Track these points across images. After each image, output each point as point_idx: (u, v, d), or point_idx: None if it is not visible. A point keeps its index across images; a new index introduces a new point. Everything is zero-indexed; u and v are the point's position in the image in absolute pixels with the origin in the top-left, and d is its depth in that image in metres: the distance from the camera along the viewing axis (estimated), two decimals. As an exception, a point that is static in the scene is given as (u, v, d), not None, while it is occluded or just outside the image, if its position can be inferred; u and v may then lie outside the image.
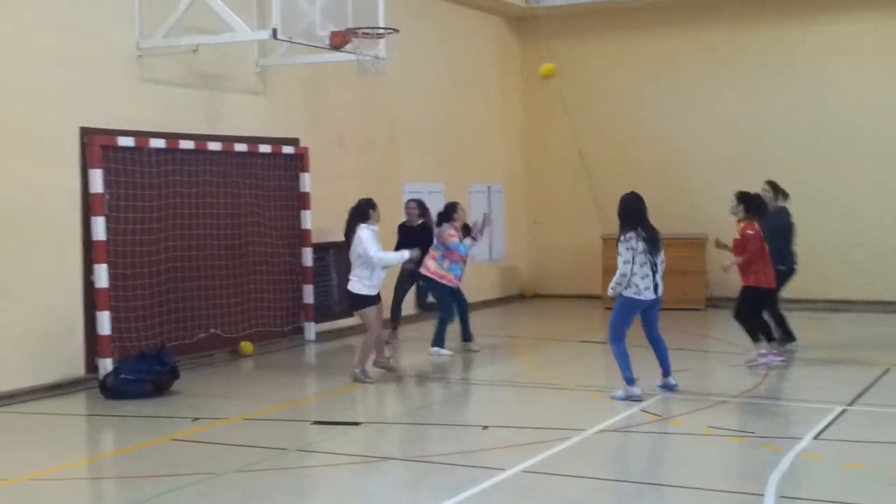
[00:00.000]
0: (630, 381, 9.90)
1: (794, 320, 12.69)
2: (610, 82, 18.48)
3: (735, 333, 12.31)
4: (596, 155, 18.61)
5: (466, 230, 12.89)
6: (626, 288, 9.82)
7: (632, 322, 10.04)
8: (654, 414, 9.34)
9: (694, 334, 13.41)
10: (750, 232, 11.37)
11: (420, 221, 13.59)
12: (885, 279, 16.58)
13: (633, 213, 9.98)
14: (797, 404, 10.03)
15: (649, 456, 8.46)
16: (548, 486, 7.30)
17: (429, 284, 12.84)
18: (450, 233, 12.55)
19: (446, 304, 12.80)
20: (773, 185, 12.50)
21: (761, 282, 11.46)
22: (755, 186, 12.35)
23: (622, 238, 9.91)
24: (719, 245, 11.87)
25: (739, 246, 11.46)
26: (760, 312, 11.68)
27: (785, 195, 12.45)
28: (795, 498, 6.95)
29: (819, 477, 7.58)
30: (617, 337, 9.98)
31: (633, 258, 9.78)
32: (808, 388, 10.83)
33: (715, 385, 10.83)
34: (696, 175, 17.55)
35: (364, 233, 10.85)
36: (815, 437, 8.47)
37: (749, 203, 11.52)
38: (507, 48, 18.94)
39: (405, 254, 11.37)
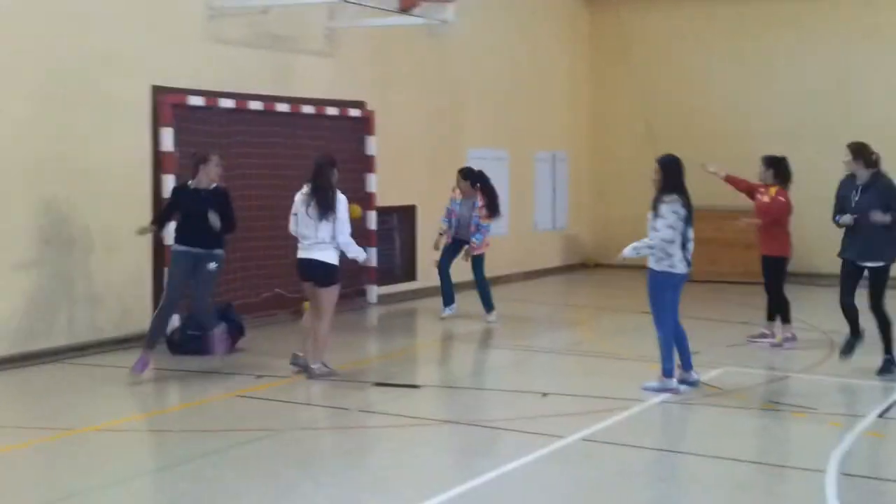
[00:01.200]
0: (669, 372, 9.08)
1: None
2: (678, 52, 18.23)
3: (801, 308, 12.15)
4: (662, 125, 18.36)
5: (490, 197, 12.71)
6: (659, 260, 9.05)
7: (672, 300, 9.12)
8: (714, 387, 9.28)
9: (761, 308, 13.23)
10: (781, 199, 11.06)
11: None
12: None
13: (678, 175, 9.10)
14: (861, 382, 9.87)
15: (708, 429, 8.41)
16: (606, 455, 7.31)
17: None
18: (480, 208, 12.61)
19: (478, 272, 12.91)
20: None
21: (785, 251, 11.13)
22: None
23: (666, 199, 8.93)
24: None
25: (766, 210, 11.05)
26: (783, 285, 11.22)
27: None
28: (857, 475, 6.88)
29: (882, 455, 7.49)
30: (661, 321, 9.07)
31: (674, 225, 8.87)
32: (873, 367, 10.67)
33: (778, 360, 10.71)
34: (764, 146, 17.06)
35: (343, 201, 9.44)
36: (880, 416, 8.36)
37: (778, 167, 11.23)
38: (575, 15, 18.76)
39: (361, 254, 9.81)
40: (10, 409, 8.61)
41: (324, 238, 9.33)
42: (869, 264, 9.73)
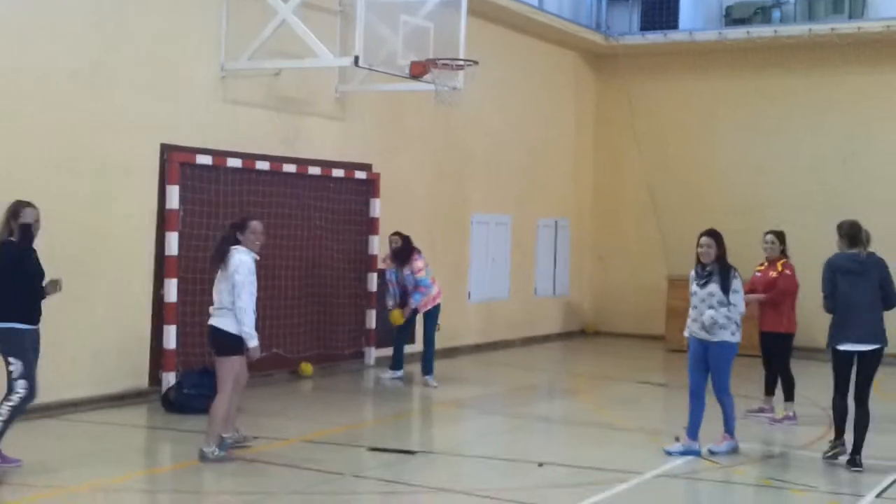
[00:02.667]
0: (733, 431, 9.47)
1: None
2: (684, 122, 18.40)
3: (801, 384, 12.10)
4: (666, 194, 18.51)
5: (399, 255, 12.71)
6: (734, 333, 9.23)
7: None
8: (714, 462, 9.21)
9: (757, 381, 13.19)
10: (788, 272, 11.05)
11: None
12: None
13: (726, 250, 9.40)
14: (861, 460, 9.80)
15: (706, 504, 8.36)
16: (602, 529, 7.24)
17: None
18: (418, 266, 12.64)
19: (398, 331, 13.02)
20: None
21: (791, 327, 11.09)
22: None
23: (736, 274, 9.30)
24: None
25: (773, 285, 11.00)
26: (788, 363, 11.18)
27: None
28: (855, 558, 6.81)
29: (880, 538, 7.41)
30: (728, 387, 9.40)
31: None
32: (872, 444, 10.57)
33: (777, 436, 10.64)
34: (769, 220, 17.31)
35: (246, 261, 8.57)
36: (879, 496, 8.30)
37: (785, 241, 11.25)
38: (583, 84, 18.96)
39: (252, 341, 8.57)
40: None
41: (222, 302, 8.52)
42: None
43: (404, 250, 12.67)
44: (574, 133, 18.82)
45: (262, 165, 12.17)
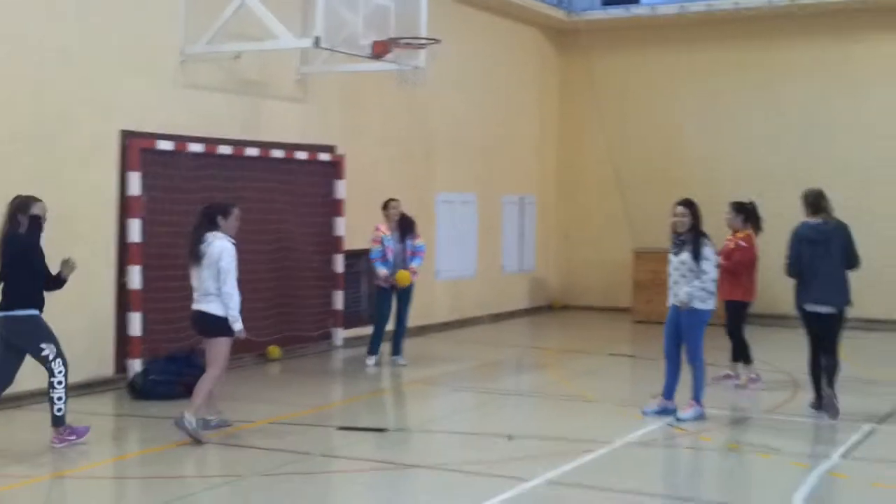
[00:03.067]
0: (701, 399, 9.64)
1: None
2: (647, 97, 18.46)
3: (766, 349, 12.26)
4: (629, 168, 18.60)
5: (405, 228, 12.45)
6: (705, 300, 9.45)
7: None
8: (681, 428, 9.31)
9: (723, 349, 13.33)
10: (744, 244, 11.20)
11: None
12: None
13: (701, 219, 9.64)
14: (825, 422, 9.93)
15: (675, 470, 8.45)
16: (572, 498, 7.32)
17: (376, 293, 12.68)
18: (371, 238, 12.42)
19: (381, 313, 12.56)
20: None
21: (746, 295, 11.24)
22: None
23: (706, 242, 9.50)
24: None
25: (729, 255, 11.16)
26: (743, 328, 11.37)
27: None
28: (820, 517, 6.92)
29: (846, 496, 7.54)
30: (701, 352, 9.63)
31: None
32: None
33: (743, 401, 10.77)
34: (730, 191, 17.36)
35: (229, 248, 8.89)
36: (843, 456, 8.43)
37: (747, 213, 11.38)
38: (546, 60, 18.98)
39: (238, 324, 8.96)
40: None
41: (208, 289, 8.81)
42: None
43: (410, 220, 12.51)
44: (538, 110, 18.85)
45: (225, 150, 12.11)
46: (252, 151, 12.46)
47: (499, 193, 17.57)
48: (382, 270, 12.30)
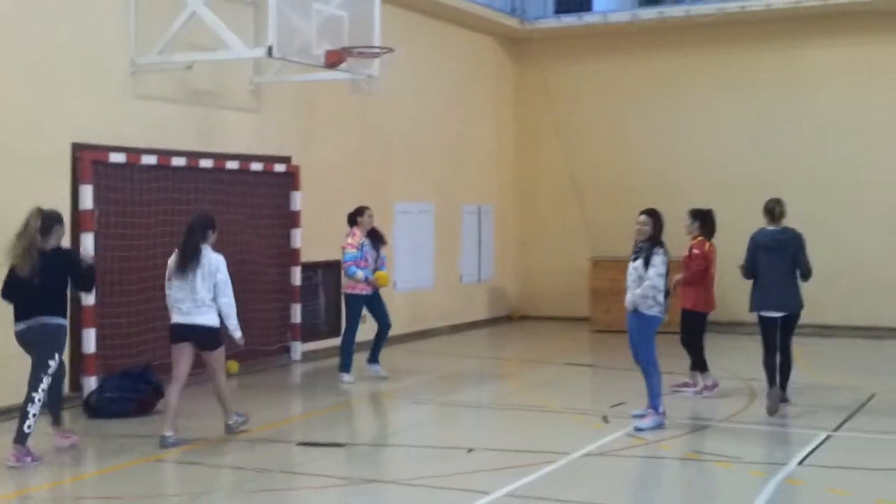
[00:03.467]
0: (659, 407, 9.73)
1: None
2: (602, 105, 18.55)
3: (723, 357, 12.33)
4: (586, 176, 18.68)
5: (376, 237, 12.44)
6: (652, 306, 9.57)
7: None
8: (640, 438, 9.33)
9: (682, 357, 13.40)
10: (696, 251, 11.28)
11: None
12: (868, 305, 16.67)
13: (662, 229, 9.80)
14: (782, 429, 10.03)
15: (634, 480, 8.46)
16: (532, 511, 7.29)
17: (346, 298, 12.40)
18: (346, 242, 12.23)
19: (353, 321, 12.29)
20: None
21: (698, 305, 11.28)
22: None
23: (657, 251, 9.63)
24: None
25: (685, 264, 11.28)
26: (703, 337, 11.45)
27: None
28: (779, 526, 6.95)
29: (804, 503, 7.56)
30: (654, 359, 9.71)
31: (664, 273, 9.63)
32: (793, 414, 10.83)
33: (702, 409, 10.83)
34: (687, 199, 17.49)
35: (223, 262, 9.29)
36: (800, 463, 8.48)
37: (703, 220, 11.44)
38: (500, 69, 19.01)
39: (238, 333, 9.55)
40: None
41: (203, 300, 9.12)
42: None
43: (378, 230, 12.46)
44: (494, 118, 18.87)
45: (178, 161, 11.98)
46: (206, 163, 12.34)
47: (456, 202, 17.56)
48: (360, 274, 12.11)
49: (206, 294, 9.11)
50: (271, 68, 12.91)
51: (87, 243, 10.84)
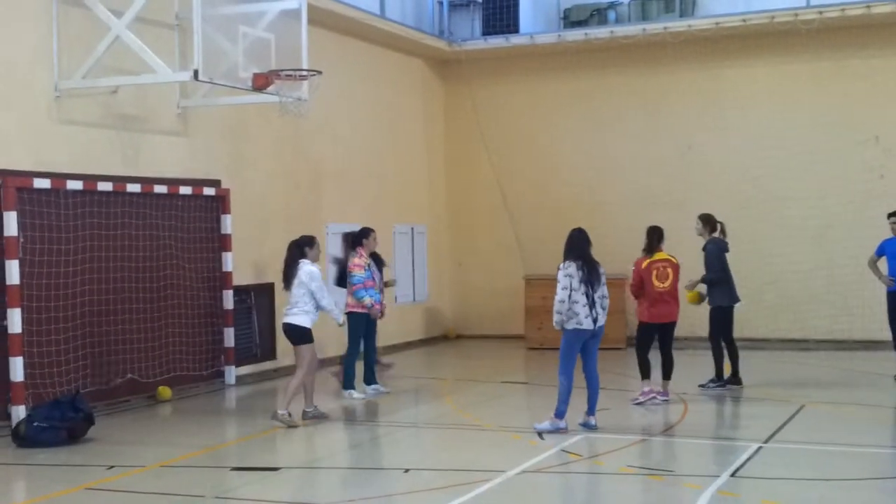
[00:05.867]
0: (561, 414, 10.10)
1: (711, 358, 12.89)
2: (530, 124, 18.74)
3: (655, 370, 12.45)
4: (517, 195, 18.82)
5: (377, 260, 12.84)
6: (568, 321, 10.00)
7: (577, 354, 10.20)
8: (575, 454, 9.39)
9: (614, 373, 13.55)
10: (633, 267, 11.76)
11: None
12: (794, 318, 17.01)
13: (574, 245, 10.22)
14: (715, 442, 10.17)
15: (571, 497, 8.50)
16: (469, 529, 7.28)
17: (350, 318, 12.59)
18: (354, 262, 12.52)
19: (355, 339, 12.68)
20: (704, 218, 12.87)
21: (643, 316, 11.75)
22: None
23: (561, 266, 10.15)
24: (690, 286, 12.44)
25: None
26: (647, 348, 11.82)
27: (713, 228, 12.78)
28: (712, 536, 7.03)
29: (736, 514, 7.67)
30: (565, 370, 10.14)
31: (571, 286, 10.00)
32: (725, 426, 11.03)
33: (635, 423, 10.93)
34: (616, 215, 17.82)
35: (314, 271, 10.88)
36: (733, 475, 8.59)
37: (647, 236, 11.84)
38: (430, 90, 19.10)
39: (339, 316, 11.47)
40: None
41: (296, 305, 10.88)
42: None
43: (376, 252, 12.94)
44: (425, 139, 18.94)
45: (105, 186, 11.81)
46: (134, 187, 12.19)
47: (390, 223, 17.56)
48: (369, 299, 12.43)
49: (294, 296, 10.90)
50: (198, 91, 12.82)
51: (13, 270, 10.62)
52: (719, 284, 12.57)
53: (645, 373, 11.71)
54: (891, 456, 9.68)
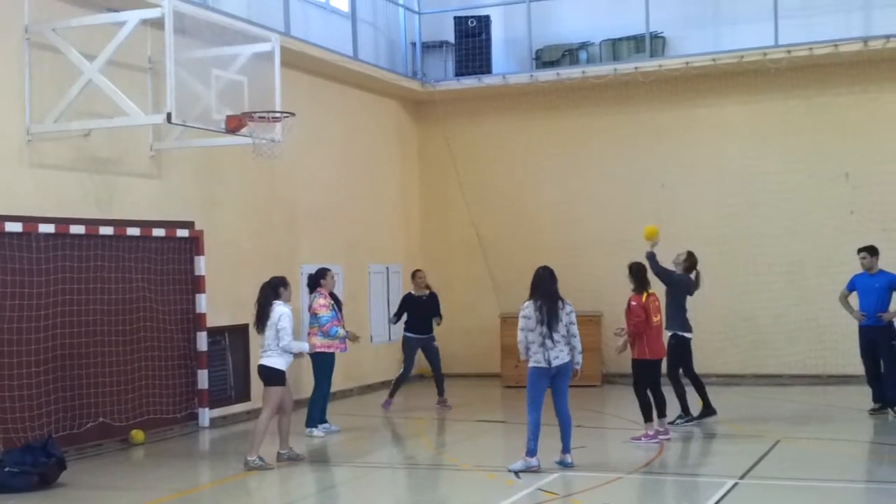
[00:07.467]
0: (532, 452, 10.10)
1: (687, 394, 12.90)
2: (504, 163, 18.83)
3: (630, 409, 12.48)
4: (492, 234, 18.87)
5: (335, 300, 13.02)
6: (529, 358, 10.14)
7: (544, 391, 10.22)
8: (551, 492, 9.36)
9: (590, 411, 13.56)
10: (633, 304, 11.66)
11: (428, 292, 15.03)
12: (769, 354, 17.09)
13: (536, 285, 10.34)
14: (691, 478, 10.18)
15: (547, 536, 8.47)
16: (445, 571, 7.23)
17: (313, 359, 12.69)
18: (319, 303, 12.66)
19: (324, 378, 12.79)
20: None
21: (645, 354, 11.69)
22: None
23: (521, 307, 10.30)
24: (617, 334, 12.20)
25: (627, 317, 11.77)
26: (655, 386, 11.82)
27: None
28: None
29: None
30: (531, 406, 10.18)
31: (528, 326, 10.12)
32: (701, 462, 11.04)
33: (611, 461, 10.92)
34: (589, 253, 17.90)
35: (287, 312, 10.86)
36: (710, 510, 8.60)
37: (636, 274, 11.82)
38: (404, 131, 19.19)
39: (304, 346, 11.51)
40: None
41: (270, 347, 10.85)
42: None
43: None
44: (399, 179, 18.99)
45: (77, 229, 11.77)
46: (106, 230, 12.15)
47: (364, 263, 17.55)
48: (342, 331, 12.73)
49: (267, 339, 10.87)
50: (171, 134, 12.82)
51: (-17, 315, 10.54)
52: (674, 311, 12.61)
53: (649, 414, 11.69)
54: (865, 491, 9.71)
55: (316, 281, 12.89)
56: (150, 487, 10.11)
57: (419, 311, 15.09)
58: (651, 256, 12.47)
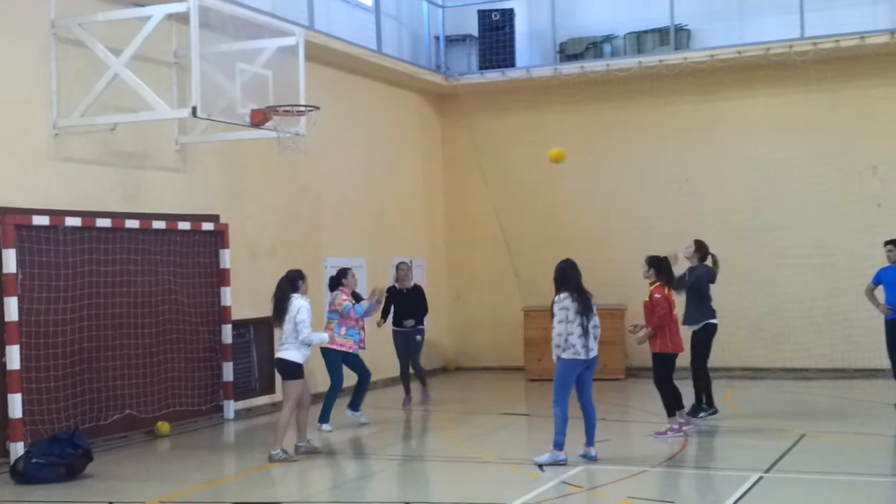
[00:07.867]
0: (559, 445, 10.11)
1: (713, 387, 12.86)
2: (528, 156, 18.76)
3: (654, 402, 12.45)
4: (516, 227, 18.86)
5: (357, 298, 12.97)
6: (564, 350, 10.09)
7: (573, 384, 10.23)
8: (575, 486, 9.36)
9: (614, 404, 13.53)
10: (657, 296, 11.59)
11: (411, 285, 14.82)
12: (794, 347, 17.01)
13: (567, 277, 10.31)
14: (715, 472, 10.14)
15: (571, 528, 8.47)
16: (469, 563, 7.25)
17: (324, 355, 12.68)
18: (341, 298, 12.62)
19: (336, 374, 12.72)
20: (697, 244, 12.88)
21: (667, 347, 11.64)
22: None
23: (556, 299, 10.23)
24: (633, 330, 12.07)
25: (648, 310, 11.66)
26: (671, 379, 11.75)
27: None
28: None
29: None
30: (559, 399, 10.18)
31: (567, 318, 10.10)
32: (726, 456, 10.98)
33: (635, 454, 10.90)
34: (613, 246, 17.85)
35: (305, 305, 10.88)
36: (734, 504, 8.58)
37: (658, 266, 11.75)
38: (428, 124, 19.20)
39: (325, 336, 11.66)
40: None
41: (287, 340, 10.89)
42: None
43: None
44: (423, 172, 19.01)
45: (104, 223, 11.85)
46: (132, 223, 12.24)
47: (388, 256, 17.58)
48: (366, 303, 12.66)
49: (285, 332, 10.90)
50: (197, 128, 12.89)
51: (11, 307, 10.65)
52: (701, 303, 12.45)
53: (672, 407, 11.66)
54: (891, 485, 9.65)
55: (337, 281, 12.84)
56: (176, 479, 10.18)
57: (403, 305, 14.91)
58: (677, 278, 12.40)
